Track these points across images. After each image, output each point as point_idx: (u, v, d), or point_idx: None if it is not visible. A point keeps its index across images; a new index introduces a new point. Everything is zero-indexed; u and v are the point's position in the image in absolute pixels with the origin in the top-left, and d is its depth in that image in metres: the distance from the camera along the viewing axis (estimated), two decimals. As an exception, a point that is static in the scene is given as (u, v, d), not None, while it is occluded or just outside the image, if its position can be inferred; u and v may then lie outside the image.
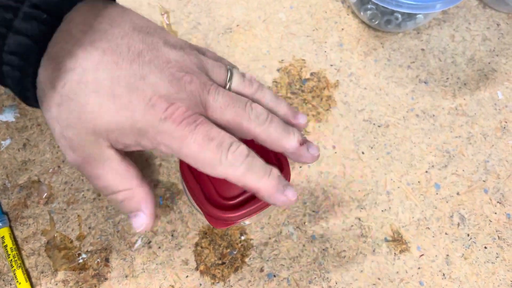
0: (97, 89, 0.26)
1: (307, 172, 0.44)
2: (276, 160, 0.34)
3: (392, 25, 0.50)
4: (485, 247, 0.42)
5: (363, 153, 0.46)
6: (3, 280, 0.39)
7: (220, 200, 0.32)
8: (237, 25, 0.51)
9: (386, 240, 0.42)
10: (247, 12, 0.52)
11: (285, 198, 0.28)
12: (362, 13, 0.51)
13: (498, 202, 0.44)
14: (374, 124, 0.47)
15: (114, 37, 0.27)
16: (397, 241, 0.42)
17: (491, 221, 0.44)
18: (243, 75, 0.32)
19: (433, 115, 0.48)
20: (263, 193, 0.28)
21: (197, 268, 0.40)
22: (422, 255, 0.42)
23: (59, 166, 0.43)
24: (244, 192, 0.33)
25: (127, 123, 0.26)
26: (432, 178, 0.45)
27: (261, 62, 0.50)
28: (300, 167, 0.45)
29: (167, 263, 0.40)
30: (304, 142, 0.31)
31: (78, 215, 0.41)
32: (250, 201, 0.32)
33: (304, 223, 0.42)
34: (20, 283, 0.38)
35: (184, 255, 0.40)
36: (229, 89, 0.30)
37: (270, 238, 0.42)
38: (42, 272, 0.39)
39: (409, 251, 0.42)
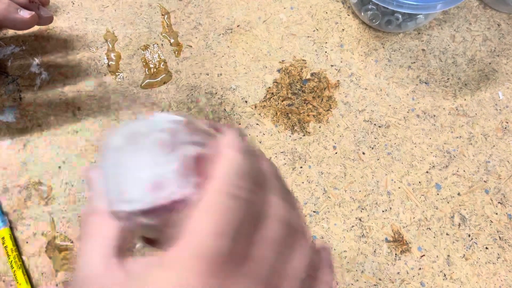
0: None
1: (307, 173, 0.44)
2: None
3: (392, 26, 0.50)
4: (486, 248, 0.42)
5: (363, 153, 0.46)
6: (3, 281, 0.38)
7: None
8: (238, 26, 0.51)
9: (387, 240, 0.42)
10: (248, 12, 0.52)
11: (21, 17, 0.38)
12: (362, 14, 0.51)
13: (499, 202, 0.44)
14: (374, 124, 0.47)
15: None
16: (398, 241, 0.42)
17: (492, 222, 0.43)
18: None
19: (434, 116, 0.48)
20: None
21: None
22: (423, 255, 0.42)
23: (59, 167, 0.43)
24: None
25: None
26: (433, 179, 0.45)
27: (262, 63, 0.49)
28: (301, 167, 0.45)
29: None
30: (34, 0, 0.40)
31: (79, 216, 0.41)
32: None
33: (305, 223, 0.42)
34: (20, 284, 0.38)
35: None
36: None
37: (270, 239, 0.42)
38: (43, 273, 0.39)
39: (410, 251, 0.42)
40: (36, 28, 0.49)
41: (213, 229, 0.17)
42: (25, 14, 0.39)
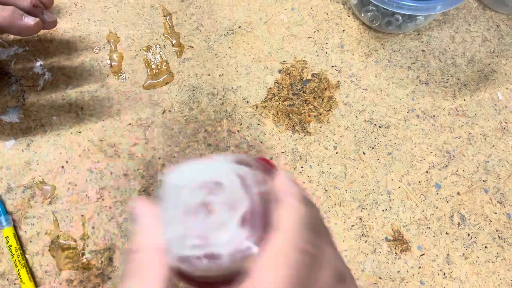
0: None
1: (308, 172, 0.45)
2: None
3: (392, 27, 0.51)
4: (486, 247, 0.43)
5: (364, 153, 0.46)
6: (7, 280, 0.39)
7: None
8: (239, 27, 0.52)
9: (387, 239, 0.42)
10: (249, 13, 0.53)
11: (26, 24, 0.38)
12: (362, 15, 0.51)
13: (498, 202, 0.45)
14: (375, 124, 0.47)
15: None
16: (398, 240, 0.43)
17: (491, 221, 0.44)
18: None
19: (434, 116, 0.48)
20: (3, 24, 0.37)
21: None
22: (423, 254, 0.42)
23: (62, 167, 0.43)
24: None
25: None
26: (433, 178, 0.45)
27: (263, 63, 0.50)
28: (302, 167, 0.45)
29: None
30: (38, 5, 0.40)
31: (82, 215, 0.42)
32: None
33: (306, 223, 0.43)
34: (24, 282, 0.38)
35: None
36: None
37: (272, 238, 0.42)
38: (46, 272, 0.39)
39: (410, 250, 0.42)
40: (39, 29, 0.49)
41: (279, 282, 0.17)
42: (30, 21, 0.39)
